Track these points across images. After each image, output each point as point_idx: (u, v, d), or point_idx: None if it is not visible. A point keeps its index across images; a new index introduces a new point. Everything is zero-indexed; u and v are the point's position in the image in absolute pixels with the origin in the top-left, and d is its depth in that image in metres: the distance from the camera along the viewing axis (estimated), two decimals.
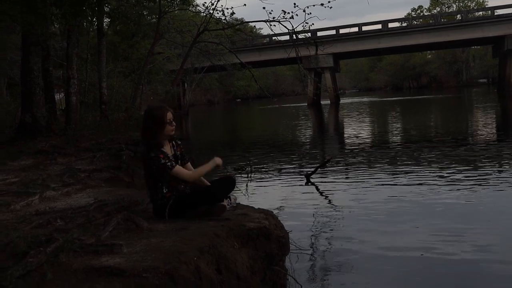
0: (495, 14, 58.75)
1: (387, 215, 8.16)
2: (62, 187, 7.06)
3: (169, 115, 5.19)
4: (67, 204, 6.07)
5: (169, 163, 5.04)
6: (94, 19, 20.80)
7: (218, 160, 5.33)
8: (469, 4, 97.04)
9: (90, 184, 7.50)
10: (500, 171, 11.27)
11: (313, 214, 8.57)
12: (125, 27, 28.96)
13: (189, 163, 5.45)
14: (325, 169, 12.71)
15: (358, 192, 10.03)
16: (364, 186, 10.59)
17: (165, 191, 5.12)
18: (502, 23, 57.43)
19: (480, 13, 67.90)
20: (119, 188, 7.56)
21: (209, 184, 5.34)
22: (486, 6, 74.32)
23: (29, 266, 3.49)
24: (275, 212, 5.79)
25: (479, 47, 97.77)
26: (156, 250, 3.96)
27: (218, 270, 4.15)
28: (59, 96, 28.10)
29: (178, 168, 5.10)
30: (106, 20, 26.70)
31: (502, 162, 12.53)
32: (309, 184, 11.23)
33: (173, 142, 5.38)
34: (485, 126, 23.08)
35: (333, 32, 62.52)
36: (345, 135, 23.43)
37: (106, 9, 21.41)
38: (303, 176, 11.87)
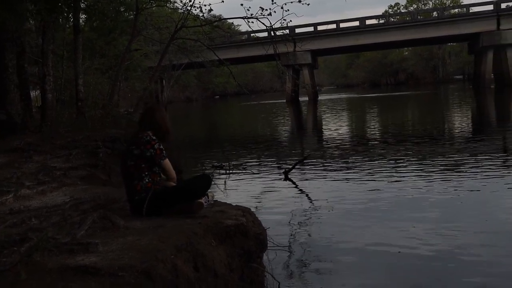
0: (470, 11, 59.42)
1: (365, 211, 8.18)
2: (37, 185, 6.97)
3: None
4: (42, 203, 6.00)
5: (164, 152, 5.25)
6: (70, 16, 20.56)
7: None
8: (445, 2, 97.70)
9: (66, 182, 7.42)
10: (477, 166, 11.35)
11: (291, 210, 8.56)
12: (102, 24, 28.73)
13: None
14: (304, 165, 12.72)
15: (336, 189, 10.06)
16: (342, 183, 10.63)
17: (147, 181, 5.16)
18: (477, 20, 58.09)
19: (456, 10, 68.59)
20: (95, 186, 7.49)
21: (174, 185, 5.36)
22: (462, 4, 75.05)
23: (3, 266, 3.44)
24: (252, 209, 5.77)
25: (455, 44, 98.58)
26: (133, 249, 3.92)
27: (195, 268, 4.12)
28: (34, 93, 27.77)
29: (169, 161, 5.30)
30: (83, 16, 26.46)
31: (479, 157, 12.62)
32: (287, 180, 11.24)
33: None
34: (461, 122, 23.30)
35: (311, 29, 62.82)
36: (323, 132, 23.50)
37: (82, 5, 21.21)
38: (281, 173, 11.88)
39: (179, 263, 3.88)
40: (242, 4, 18.07)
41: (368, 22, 62.93)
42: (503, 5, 58.30)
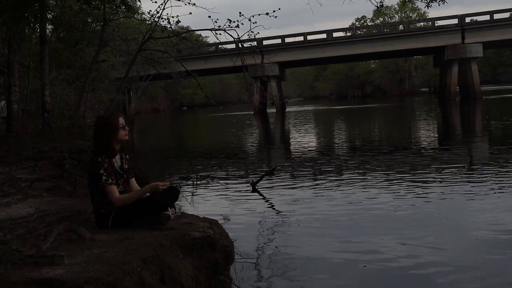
0: (436, 25, 60.38)
1: (333, 223, 8.22)
2: (1, 197, 6.88)
3: (121, 120, 5.29)
4: (7, 215, 5.91)
5: (104, 178, 5.02)
6: (37, 26, 20.39)
7: (153, 186, 5.14)
8: (411, 15, 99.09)
9: (31, 194, 7.33)
10: (444, 179, 11.48)
11: (259, 222, 8.58)
12: (69, 34, 28.58)
13: (133, 179, 5.45)
14: (271, 177, 12.75)
15: (304, 201, 10.09)
16: (310, 195, 10.66)
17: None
18: (442, 34, 59.07)
19: (422, 24, 69.61)
20: (61, 198, 7.41)
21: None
22: (427, 17, 76.06)
23: None
24: (220, 221, 5.77)
25: (421, 57, 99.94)
26: (99, 261, 3.89)
27: (162, 280, 4.10)
28: (0, 104, 27.40)
29: (112, 188, 5.05)
30: (49, 27, 26.29)
31: (445, 169, 12.77)
32: (255, 192, 11.25)
33: (122, 154, 5.37)
34: (428, 134, 23.59)
35: (279, 41, 63.15)
36: (291, 144, 23.58)
37: (49, 16, 21.07)
38: (249, 184, 11.89)
39: (145, 275, 3.87)
40: (210, 16, 18.09)
41: (335, 34, 63.53)
42: (468, 19, 59.39)
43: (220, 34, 18.29)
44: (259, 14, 17.55)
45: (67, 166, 9.93)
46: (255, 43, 22.10)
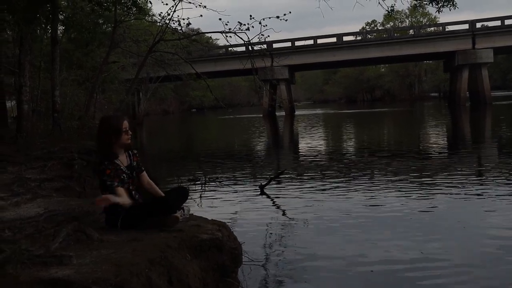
0: (446, 30, 60.25)
1: (341, 227, 8.19)
2: (11, 196, 6.91)
3: (125, 124, 5.23)
4: (16, 214, 5.94)
5: (109, 183, 5.08)
6: (48, 27, 20.48)
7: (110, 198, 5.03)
8: (421, 20, 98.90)
9: (40, 194, 7.36)
10: (453, 184, 11.40)
11: (267, 225, 8.56)
12: (80, 35, 28.68)
13: (144, 172, 5.46)
14: (280, 180, 12.73)
15: (312, 204, 10.06)
16: (318, 198, 10.62)
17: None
18: (453, 39, 58.95)
19: (432, 28, 69.51)
20: (70, 198, 7.44)
21: (163, 194, 5.32)
22: (438, 22, 75.88)
23: None
24: (228, 223, 5.77)
25: (431, 61, 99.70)
26: (107, 262, 3.90)
27: (169, 282, 4.11)
28: (10, 104, 27.55)
29: (119, 190, 5.09)
30: (61, 27, 26.37)
31: (454, 174, 12.70)
32: (263, 195, 11.23)
33: (129, 152, 5.37)
34: (437, 139, 23.47)
35: (289, 44, 63.14)
36: (300, 147, 23.54)
37: (61, 16, 21.17)
38: (257, 187, 11.87)
39: (153, 276, 3.88)
40: (220, 19, 18.13)
41: (345, 38, 63.56)
42: (478, 25, 59.29)
43: (230, 36, 18.35)
44: (269, 17, 17.58)
45: (76, 166, 9.98)
46: (265, 46, 22.09)
